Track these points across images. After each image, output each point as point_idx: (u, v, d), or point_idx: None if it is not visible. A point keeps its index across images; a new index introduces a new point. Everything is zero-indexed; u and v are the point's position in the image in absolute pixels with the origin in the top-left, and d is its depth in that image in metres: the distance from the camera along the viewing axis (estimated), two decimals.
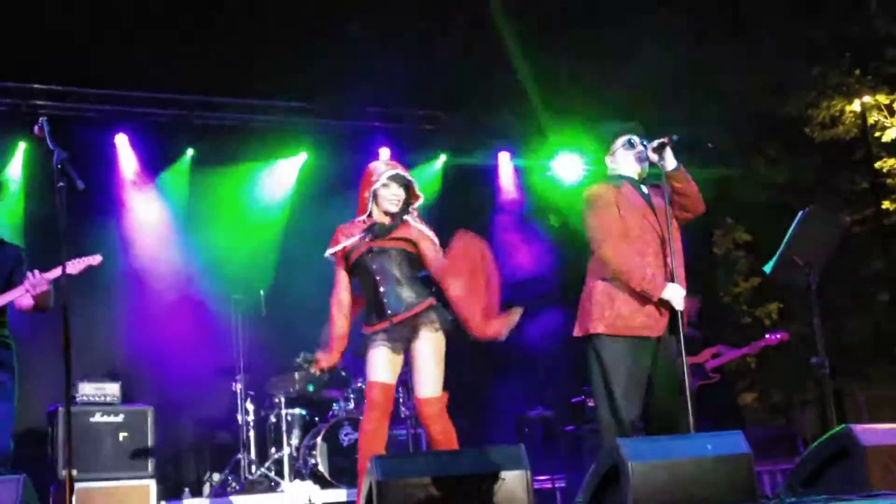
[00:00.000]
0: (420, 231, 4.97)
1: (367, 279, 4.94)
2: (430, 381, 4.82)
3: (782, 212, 5.72)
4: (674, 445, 3.88)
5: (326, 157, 9.39)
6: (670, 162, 4.76)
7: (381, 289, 4.86)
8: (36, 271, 4.91)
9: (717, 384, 8.27)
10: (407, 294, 4.86)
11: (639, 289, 4.64)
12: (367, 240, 4.91)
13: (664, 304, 4.69)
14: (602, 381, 4.69)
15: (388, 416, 4.88)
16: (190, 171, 8.90)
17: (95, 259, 5.16)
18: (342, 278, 5.05)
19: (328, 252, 5.02)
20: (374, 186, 4.94)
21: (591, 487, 3.91)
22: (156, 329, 8.09)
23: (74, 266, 5.04)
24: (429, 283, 5.00)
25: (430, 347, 4.83)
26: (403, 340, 4.85)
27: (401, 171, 4.98)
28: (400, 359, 4.90)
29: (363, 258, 4.92)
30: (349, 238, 4.96)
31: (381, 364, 4.85)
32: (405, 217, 5.00)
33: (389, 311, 4.84)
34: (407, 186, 5.00)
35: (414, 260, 4.95)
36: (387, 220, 4.97)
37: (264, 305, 7.85)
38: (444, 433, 4.82)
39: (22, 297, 4.96)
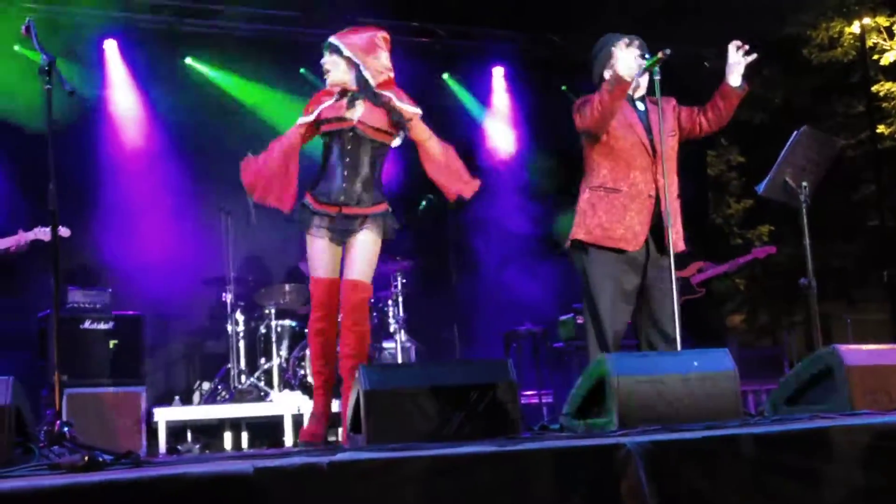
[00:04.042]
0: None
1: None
2: (364, 267, 4.76)
3: (777, 134, 5.68)
4: (660, 361, 3.91)
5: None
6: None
7: (345, 172, 4.80)
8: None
9: (701, 299, 8.28)
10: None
11: (601, 98, 4.61)
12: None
13: (643, 219, 4.71)
14: (588, 294, 4.74)
15: (335, 315, 4.80)
16: (181, 79, 8.76)
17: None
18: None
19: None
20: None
21: (577, 401, 3.94)
22: (146, 239, 8.05)
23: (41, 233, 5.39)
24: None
25: (370, 242, 4.77)
26: (345, 233, 4.79)
27: None
28: (339, 252, 4.82)
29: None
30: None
31: (325, 258, 4.79)
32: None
33: (343, 198, 4.79)
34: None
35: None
36: None
37: (254, 215, 7.78)
38: (358, 326, 4.72)
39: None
